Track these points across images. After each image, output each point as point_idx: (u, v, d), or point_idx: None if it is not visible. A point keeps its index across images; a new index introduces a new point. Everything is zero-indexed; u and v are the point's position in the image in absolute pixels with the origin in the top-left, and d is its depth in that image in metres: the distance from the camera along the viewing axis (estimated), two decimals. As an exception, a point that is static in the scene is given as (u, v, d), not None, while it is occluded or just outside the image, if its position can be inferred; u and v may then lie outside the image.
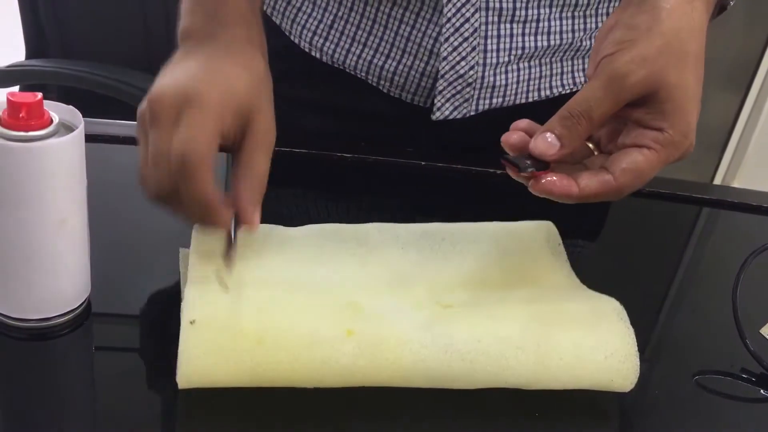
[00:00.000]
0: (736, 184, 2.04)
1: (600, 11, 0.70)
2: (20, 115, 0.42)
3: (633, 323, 0.47)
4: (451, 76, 0.67)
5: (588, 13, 0.69)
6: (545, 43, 0.68)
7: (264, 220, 0.50)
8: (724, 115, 2.02)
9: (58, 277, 0.46)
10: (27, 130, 0.42)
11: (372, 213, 0.57)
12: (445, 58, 0.66)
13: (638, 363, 0.46)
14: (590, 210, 0.72)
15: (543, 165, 0.46)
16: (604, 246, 0.68)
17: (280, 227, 0.54)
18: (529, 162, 0.47)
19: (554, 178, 0.46)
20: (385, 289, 0.50)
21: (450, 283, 0.52)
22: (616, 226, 0.71)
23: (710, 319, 0.58)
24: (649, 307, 0.59)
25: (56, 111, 0.44)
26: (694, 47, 0.47)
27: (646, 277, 0.63)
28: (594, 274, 0.53)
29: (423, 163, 0.71)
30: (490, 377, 0.45)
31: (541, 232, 0.56)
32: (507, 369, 0.45)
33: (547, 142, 0.46)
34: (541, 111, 0.47)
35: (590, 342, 0.46)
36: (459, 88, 0.68)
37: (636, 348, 0.46)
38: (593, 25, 0.70)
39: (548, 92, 0.72)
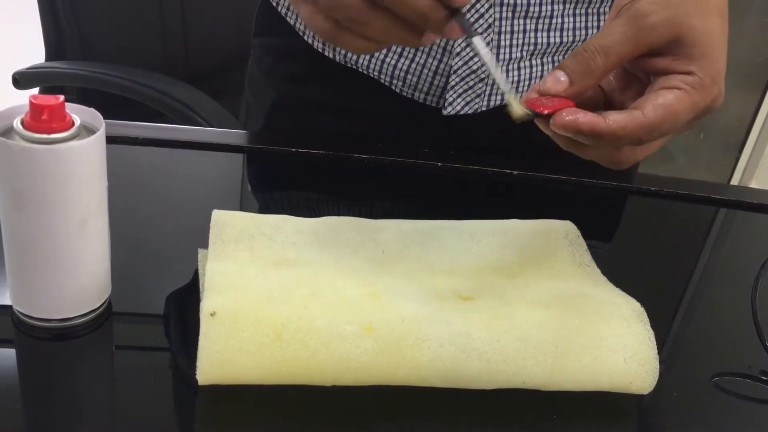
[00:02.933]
0: (753, 185, 2.02)
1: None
2: (42, 118, 0.42)
3: (651, 324, 0.47)
4: (464, 71, 0.67)
5: (601, 10, 0.69)
6: (557, 40, 0.68)
7: (282, 221, 0.51)
8: (741, 115, 2.01)
9: (79, 277, 0.46)
10: (49, 133, 0.42)
11: (389, 213, 0.58)
12: (458, 54, 0.67)
13: (657, 366, 0.46)
14: (607, 210, 0.72)
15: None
16: (622, 247, 0.68)
17: (298, 218, 0.55)
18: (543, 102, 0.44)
19: (578, 115, 0.43)
20: (405, 276, 0.50)
21: (470, 273, 0.52)
22: (634, 226, 0.71)
23: (729, 321, 0.58)
24: (667, 308, 0.59)
25: (78, 113, 0.44)
26: (717, 1, 0.46)
27: (663, 277, 0.63)
28: (611, 275, 0.53)
29: (440, 164, 0.71)
30: (508, 378, 0.45)
31: (560, 228, 0.57)
32: (524, 369, 0.45)
33: (555, 78, 0.44)
34: None
35: (610, 344, 0.46)
36: (471, 83, 0.68)
37: (656, 351, 0.46)
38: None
39: None
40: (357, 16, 0.42)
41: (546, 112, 0.43)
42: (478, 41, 0.44)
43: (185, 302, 0.51)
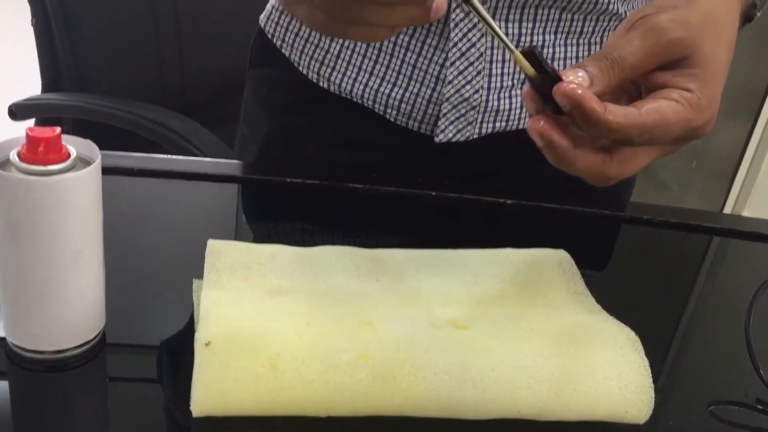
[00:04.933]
0: (746, 213, 2.03)
1: (605, 39, 0.71)
2: (39, 150, 0.42)
3: (646, 353, 0.47)
4: (456, 99, 0.68)
5: (593, 40, 0.70)
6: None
7: (277, 251, 0.51)
8: (733, 143, 2.03)
9: (73, 308, 0.46)
10: (45, 164, 0.42)
11: (383, 243, 0.58)
12: (450, 82, 0.67)
13: (653, 395, 0.46)
14: (601, 239, 0.72)
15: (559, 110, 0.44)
16: (616, 275, 0.68)
17: (293, 247, 0.55)
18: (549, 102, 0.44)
19: (583, 90, 0.42)
20: (400, 305, 0.51)
21: (464, 302, 0.52)
22: (627, 255, 0.71)
23: (723, 349, 0.58)
24: (662, 337, 0.59)
25: (74, 145, 0.45)
26: (729, 34, 0.47)
27: (658, 306, 0.63)
28: (606, 303, 0.53)
29: (434, 193, 0.71)
30: (503, 407, 0.45)
31: (554, 257, 0.57)
32: (520, 398, 0.45)
33: (575, 72, 0.44)
34: None
35: (605, 372, 0.46)
36: (463, 111, 0.69)
37: (651, 379, 0.46)
38: None
39: None
40: (352, 4, 0.42)
41: (555, 72, 0.42)
42: (476, 2, 0.43)
43: (180, 333, 0.51)
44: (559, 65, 0.69)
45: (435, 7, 0.42)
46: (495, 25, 0.44)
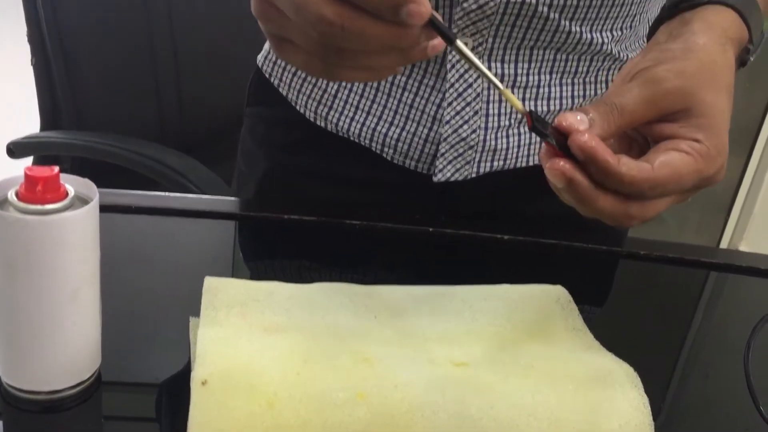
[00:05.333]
0: (743, 247, 2.03)
1: (599, 78, 0.72)
2: (37, 189, 0.43)
3: (645, 389, 0.47)
4: (454, 139, 0.68)
5: (588, 80, 0.71)
6: (546, 108, 0.70)
7: (274, 288, 0.51)
8: (728, 177, 2.04)
9: (69, 348, 0.46)
10: (43, 203, 0.43)
11: (381, 279, 0.58)
12: (447, 122, 0.68)
13: None
14: (598, 274, 0.72)
15: (563, 148, 0.44)
16: (614, 311, 0.68)
17: (290, 284, 0.55)
18: (552, 136, 0.44)
19: (597, 141, 0.42)
20: (398, 342, 0.50)
21: (462, 339, 0.52)
22: (625, 290, 0.71)
23: (722, 385, 0.58)
24: (661, 373, 0.58)
25: (72, 183, 0.45)
26: (727, 80, 0.47)
27: (656, 342, 0.63)
28: (604, 339, 0.53)
29: (431, 229, 0.71)
30: (503, 446, 0.45)
31: (552, 293, 0.57)
32: (519, 438, 0.45)
33: (576, 116, 0.44)
34: (542, 175, 0.47)
35: (604, 410, 0.46)
36: (461, 150, 0.69)
37: (650, 417, 0.46)
38: (593, 92, 0.72)
39: None
40: (347, 51, 0.42)
41: (554, 129, 0.43)
42: (460, 45, 0.43)
43: (176, 371, 0.51)
44: (555, 104, 0.70)
45: (431, 46, 0.43)
46: (480, 64, 0.44)
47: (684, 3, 0.52)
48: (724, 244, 2.07)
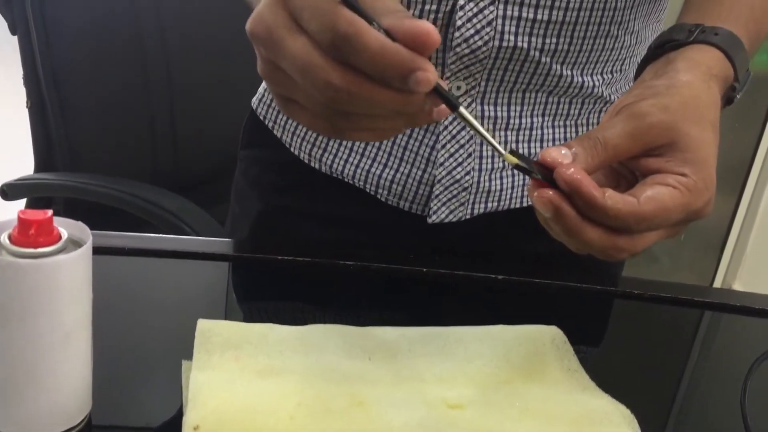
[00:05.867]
0: (737, 286, 2.03)
1: (591, 120, 0.72)
2: (30, 233, 0.42)
3: (642, 430, 0.47)
4: (448, 181, 0.69)
5: (579, 122, 0.72)
6: (538, 150, 0.70)
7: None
8: (720, 216, 2.05)
9: (60, 393, 0.45)
10: (36, 247, 0.42)
11: (375, 320, 0.58)
12: (441, 164, 0.68)
13: (649, 474, 0.45)
14: (593, 315, 0.72)
15: (549, 182, 0.44)
16: (609, 351, 0.68)
17: (284, 326, 0.55)
18: (537, 170, 0.44)
19: (582, 174, 0.43)
20: (393, 384, 0.50)
21: (458, 381, 0.51)
22: (620, 330, 0.71)
23: (719, 426, 0.57)
24: (657, 414, 0.58)
25: (65, 227, 0.45)
26: (712, 115, 0.48)
27: (652, 383, 0.62)
28: (599, 380, 0.53)
29: (424, 269, 0.71)
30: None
31: (546, 333, 0.57)
32: (515, 482, 0.44)
33: (560, 151, 0.45)
34: (536, 216, 0.48)
35: (599, 453, 0.46)
36: (455, 192, 0.69)
37: (646, 459, 0.46)
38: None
39: None
40: (352, 114, 0.43)
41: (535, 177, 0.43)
42: (463, 111, 0.44)
43: (168, 416, 0.50)
44: (546, 145, 0.71)
45: (436, 111, 0.43)
46: (484, 130, 0.45)
47: (670, 43, 0.53)
48: (717, 283, 2.07)
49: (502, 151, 0.45)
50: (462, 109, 0.44)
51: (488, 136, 0.45)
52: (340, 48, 0.40)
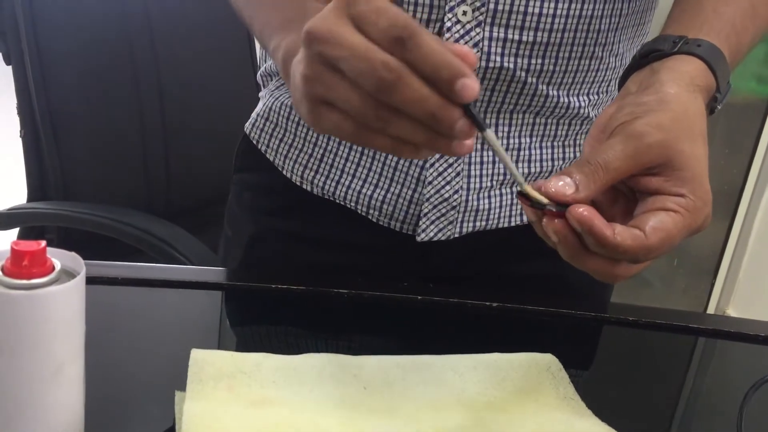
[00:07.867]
0: (731, 311, 2.04)
1: (578, 142, 0.73)
2: (23, 264, 0.42)
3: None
4: (436, 199, 0.69)
5: (567, 143, 0.72)
6: (526, 170, 0.71)
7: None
8: (713, 241, 2.06)
9: (52, 424, 0.45)
10: (29, 278, 0.42)
11: (370, 349, 0.57)
12: (430, 183, 0.69)
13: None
14: (588, 341, 0.72)
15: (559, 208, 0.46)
16: (604, 378, 0.68)
17: (278, 355, 0.54)
18: (546, 201, 0.46)
19: (594, 214, 0.45)
20: (388, 413, 0.50)
21: (453, 409, 0.51)
22: (615, 357, 0.71)
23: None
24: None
25: (58, 257, 0.45)
26: (701, 127, 0.49)
27: (648, 409, 0.62)
28: (595, 407, 0.53)
29: (419, 297, 0.71)
30: None
31: (542, 361, 0.56)
32: None
33: (563, 181, 0.46)
34: (524, 236, 0.48)
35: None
36: (444, 210, 0.70)
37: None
38: (572, 155, 0.73)
39: None
40: (386, 113, 0.43)
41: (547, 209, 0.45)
42: (490, 134, 0.45)
43: (161, 448, 0.50)
44: (535, 167, 0.71)
45: (458, 144, 0.44)
46: (507, 156, 0.46)
47: (654, 53, 0.54)
48: (711, 308, 2.07)
49: (523, 182, 0.46)
50: (489, 132, 0.44)
51: (512, 164, 0.46)
52: (405, 41, 0.41)
